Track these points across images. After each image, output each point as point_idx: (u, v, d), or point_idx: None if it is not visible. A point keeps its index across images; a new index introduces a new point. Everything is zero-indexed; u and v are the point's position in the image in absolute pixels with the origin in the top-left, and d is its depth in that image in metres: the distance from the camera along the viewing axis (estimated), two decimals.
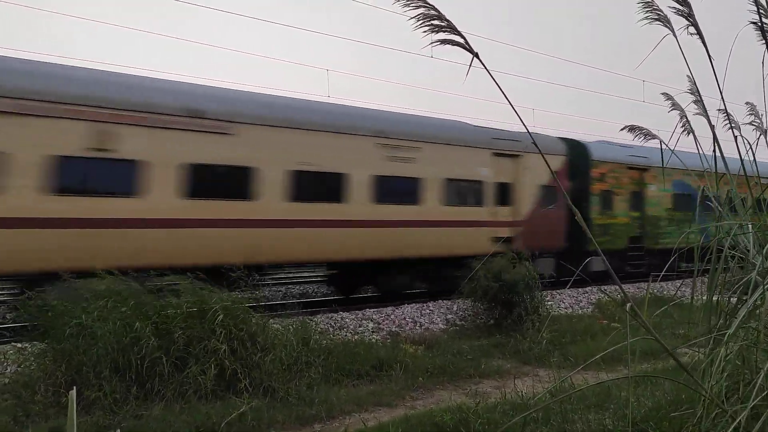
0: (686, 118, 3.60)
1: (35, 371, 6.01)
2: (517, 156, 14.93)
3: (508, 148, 14.81)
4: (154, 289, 6.62)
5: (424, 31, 2.47)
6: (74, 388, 1.80)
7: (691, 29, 3.27)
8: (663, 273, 3.57)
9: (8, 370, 6.41)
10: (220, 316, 6.21)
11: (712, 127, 3.51)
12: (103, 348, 5.77)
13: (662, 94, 3.62)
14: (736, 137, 3.63)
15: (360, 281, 14.26)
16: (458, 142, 13.92)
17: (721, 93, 3.52)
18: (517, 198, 14.95)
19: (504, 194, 14.68)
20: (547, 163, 4.20)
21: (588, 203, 16.63)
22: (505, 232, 14.41)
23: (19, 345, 6.50)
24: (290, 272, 18.17)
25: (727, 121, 3.66)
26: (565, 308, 12.76)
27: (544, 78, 77.90)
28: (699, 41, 3.28)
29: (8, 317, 9.10)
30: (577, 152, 16.81)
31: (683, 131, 3.63)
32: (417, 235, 12.89)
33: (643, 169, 18.02)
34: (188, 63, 57.93)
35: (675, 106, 3.61)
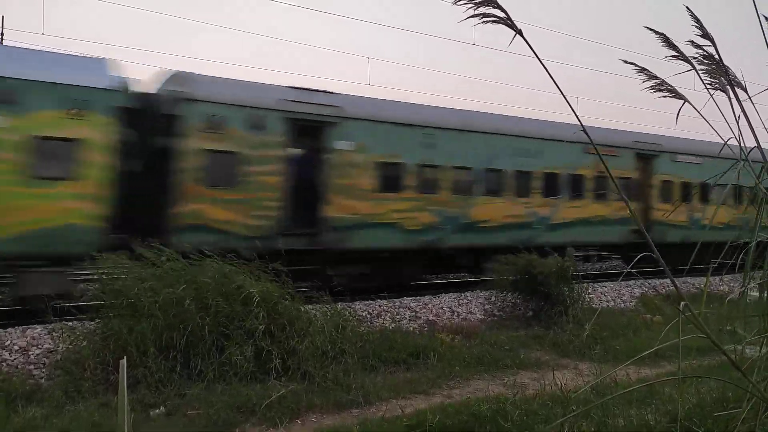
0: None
1: (85, 349, 6.25)
2: None
3: None
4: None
5: (462, 4, 2.35)
6: (124, 357, 1.86)
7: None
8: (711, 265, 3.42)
9: (60, 347, 6.68)
10: (257, 299, 6.36)
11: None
12: (150, 325, 5.97)
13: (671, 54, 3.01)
14: None
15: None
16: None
17: None
18: None
19: None
20: None
21: None
22: None
23: (70, 323, 6.76)
24: None
25: None
26: (607, 302, 12.50)
27: (589, 66, 75.95)
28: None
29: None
30: None
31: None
32: None
33: None
34: (215, 52, 58.57)
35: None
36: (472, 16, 2.33)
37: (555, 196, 14.63)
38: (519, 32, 2.36)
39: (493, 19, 2.35)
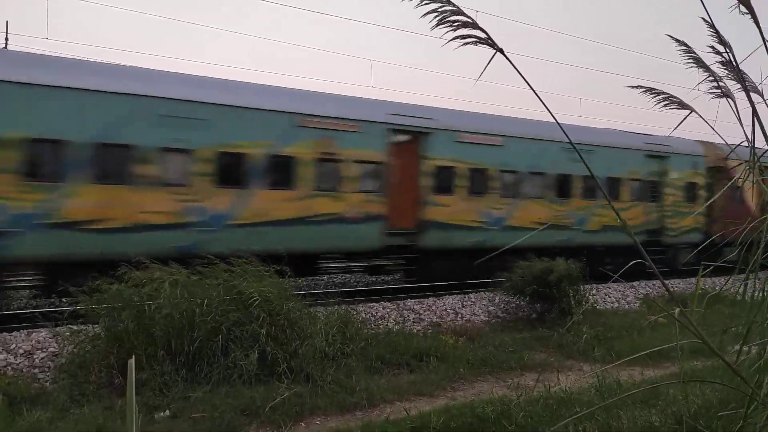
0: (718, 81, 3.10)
1: (90, 353, 6.27)
2: None
3: None
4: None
5: (441, 27, 2.32)
6: (133, 357, 1.86)
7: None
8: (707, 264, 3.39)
9: (65, 350, 6.70)
10: (258, 300, 6.37)
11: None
12: (160, 330, 6.00)
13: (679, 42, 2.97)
14: None
15: None
16: None
17: None
18: None
19: None
20: None
21: None
22: None
23: (74, 327, 6.77)
24: None
25: None
26: (612, 303, 12.48)
27: (595, 67, 75.89)
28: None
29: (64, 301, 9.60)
30: None
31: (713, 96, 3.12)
32: None
33: None
34: (214, 53, 58.55)
35: (699, 63, 3.04)
36: (453, 39, 2.29)
37: None
38: (500, 50, 2.33)
39: (473, 40, 2.31)
